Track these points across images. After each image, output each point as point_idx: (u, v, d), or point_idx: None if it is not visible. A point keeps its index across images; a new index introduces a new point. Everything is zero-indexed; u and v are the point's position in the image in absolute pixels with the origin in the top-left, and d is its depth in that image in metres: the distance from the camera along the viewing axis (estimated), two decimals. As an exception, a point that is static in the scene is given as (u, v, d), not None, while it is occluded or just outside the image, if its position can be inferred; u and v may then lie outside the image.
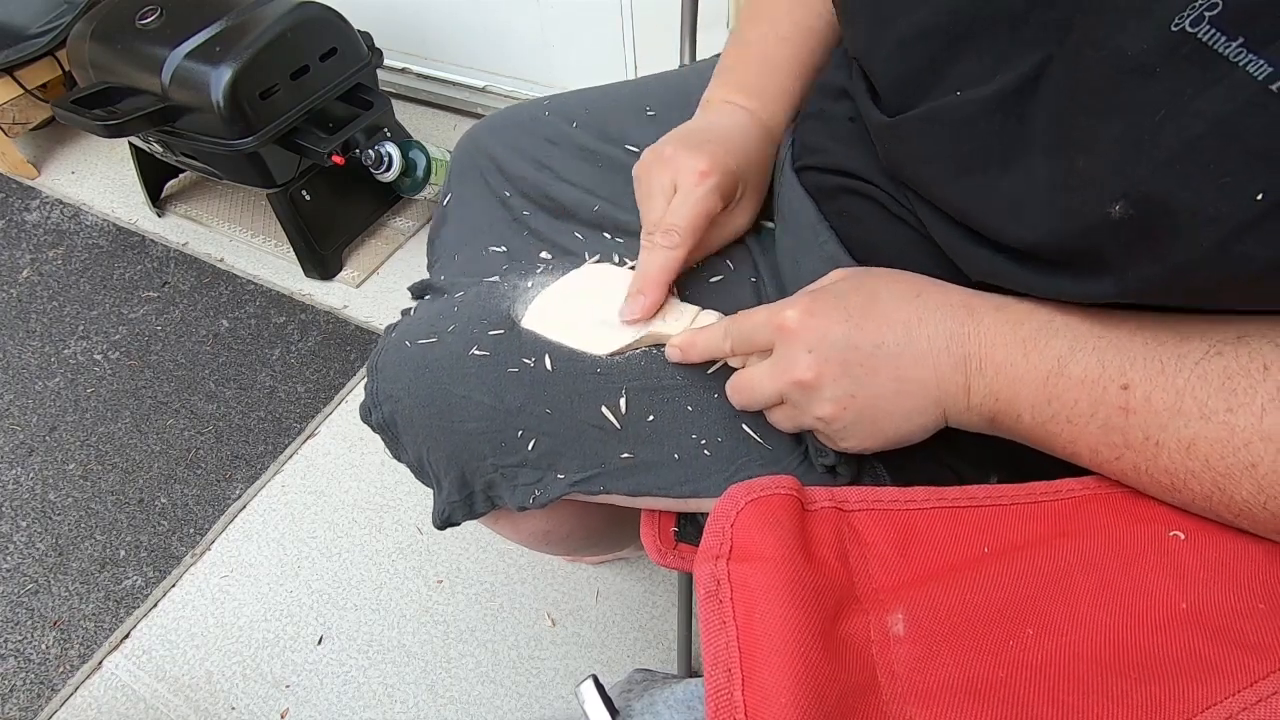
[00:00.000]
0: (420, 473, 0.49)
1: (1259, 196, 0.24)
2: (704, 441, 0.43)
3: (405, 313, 0.51)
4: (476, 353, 0.44)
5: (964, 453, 0.41)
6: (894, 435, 0.36)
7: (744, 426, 0.43)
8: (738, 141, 0.46)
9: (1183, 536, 0.31)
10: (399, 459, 0.50)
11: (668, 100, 0.58)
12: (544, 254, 0.51)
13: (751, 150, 0.47)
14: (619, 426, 0.43)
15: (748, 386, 0.38)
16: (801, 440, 0.43)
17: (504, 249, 0.52)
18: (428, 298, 0.53)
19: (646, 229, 0.44)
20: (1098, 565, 0.30)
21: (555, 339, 0.45)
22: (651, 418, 0.43)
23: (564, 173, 0.54)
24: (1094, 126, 0.28)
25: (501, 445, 0.44)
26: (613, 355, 0.44)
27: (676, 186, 0.43)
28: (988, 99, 0.32)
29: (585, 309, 0.46)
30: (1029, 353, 0.32)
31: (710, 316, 0.44)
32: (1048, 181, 0.30)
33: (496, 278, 0.49)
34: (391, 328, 0.50)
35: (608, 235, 0.51)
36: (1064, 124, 0.30)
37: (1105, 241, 0.28)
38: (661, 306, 0.44)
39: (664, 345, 0.44)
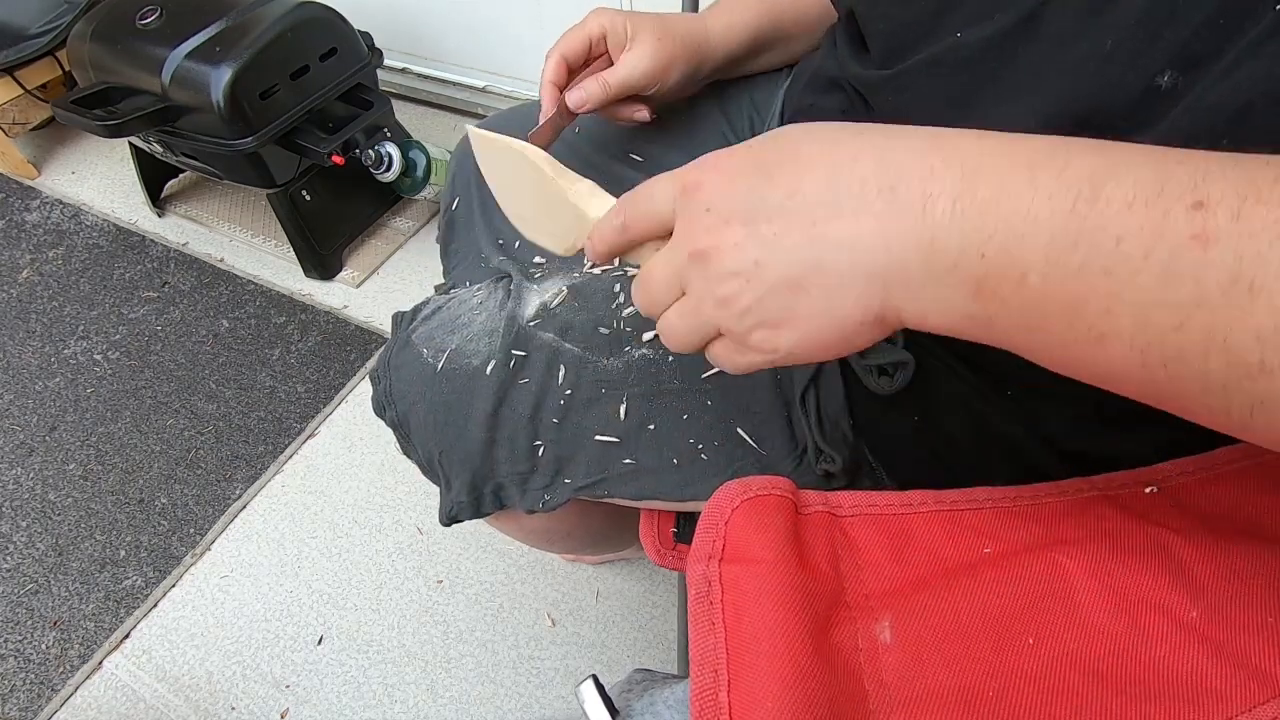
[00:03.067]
0: (429, 471, 0.50)
1: (1278, 6, 0.23)
2: (700, 446, 0.43)
3: (419, 307, 0.51)
4: (490, 365, 0.45)
5: (965, 454, 0.41)
6: (821, 328, 0.26)
7: (739, 431, 0.43)
8: (652, 14, 0.50)
9: (1156, 489, 0.31)
10: (408, 455, 0.51)
11: (668, 102, 0.58)
12: (537, 259, 0.51)
13: (667, 18, 0.49)
14: (618, 441, 0.44)
15: (645, 280, 0.30)
16: (797, 444, 0.43)
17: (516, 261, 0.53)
18: (439, 292, 0.54)
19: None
20: (1103, 572, 0.30)
21: (531, 237, 0.38)
22: (652, 426, 0.44)
23: None
24: (1121, 6, 0.28)
25: (513, 453, 0.45)
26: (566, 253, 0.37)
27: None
28: (990, 38, 0.33)
29: (559, 209, 0.37)
30: (1037, 175, 0.21)
31: None
32: (1074, 73, 0.30)
33: (507, 279, 0.49)
34: (402, 318, 0.50)
35: None
36: (1086, 15, 0.29)
37: (1144, 116, 0.27)
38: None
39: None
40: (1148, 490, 0.33)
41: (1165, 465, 0.34)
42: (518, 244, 0.53)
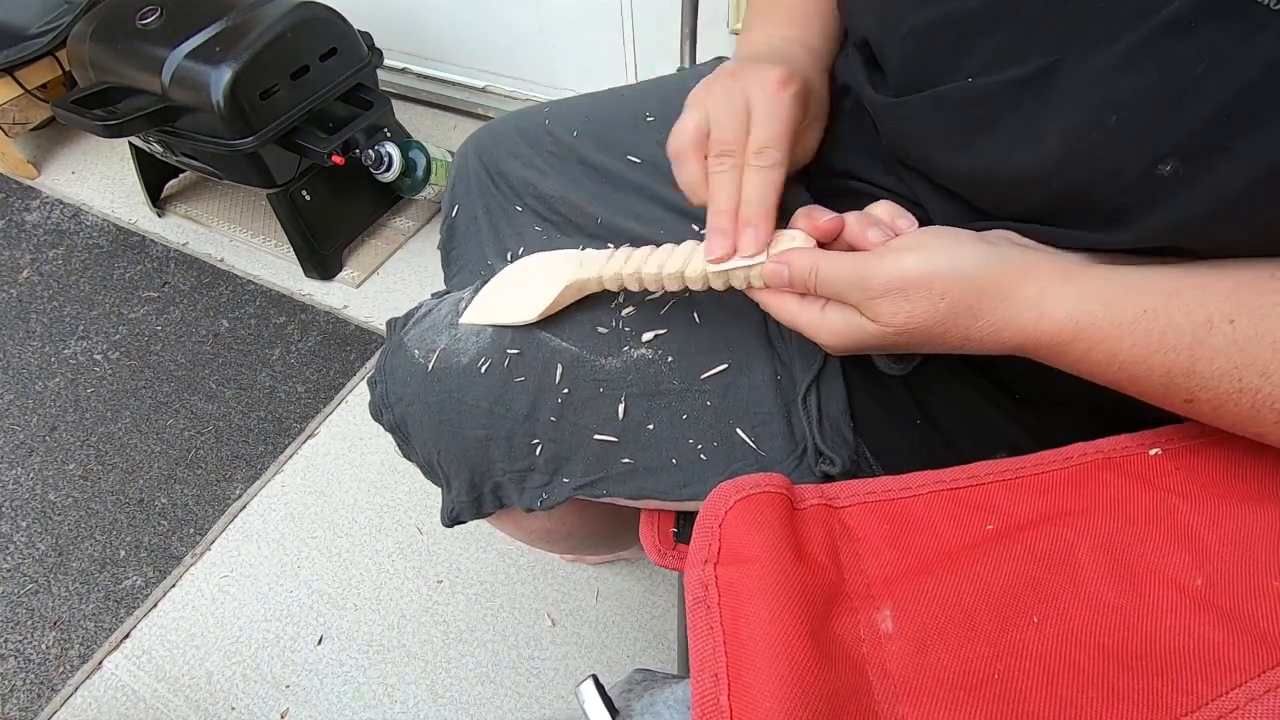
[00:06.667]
0: (430, 472, 0.50)
1: None
2: (700, 446, 0.43)
3: (411, 311, 0.51)
4: (484, 363, 0.45)
5: (966, 457, 0.41)
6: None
7: (738, 431, 0.43)
8: (803, 61, 0.43)
9: (1160, 452, 0.31)
10: (409, 458, 0.51)
11: (667, 105, 0.58)
12: None
13: (815, 70, 0.43)
14: (616, 440, 0.44)
15: (798, 322, 0.36)
16: (796, 444, 0.43)
17: None
18: (434, 298, 0.54)
19: (717, 152, 0.37)
20: (1108, 543, 0.30)
21: (490, 322, 0.46)
22: (651, 426, 0.44)
23: (567, 187, 0.54)
24: (1129, 83, 0.28)
25: (511, 452, 0.45)
26: (541, 317, 0.43)
27: (750, 104, 0.37)
28: (1001, 84, 0.33)
29: (528, 289, 0.46)
30: (1084, 375, 0.32)
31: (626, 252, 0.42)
32: (1073, 141, 0.30)
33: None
34: (395, 323, 0.51)
35: (611, 246, 0.52)
36: (1095, 84, 0.30)
37: (1144, 196, 0.29)
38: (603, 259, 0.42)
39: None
40: (1152, 452, 0.33)
41: (1170, 428, 0.34)
42: (521, 250, 0.53)
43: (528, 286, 0.46)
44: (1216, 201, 0.27)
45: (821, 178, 0.46)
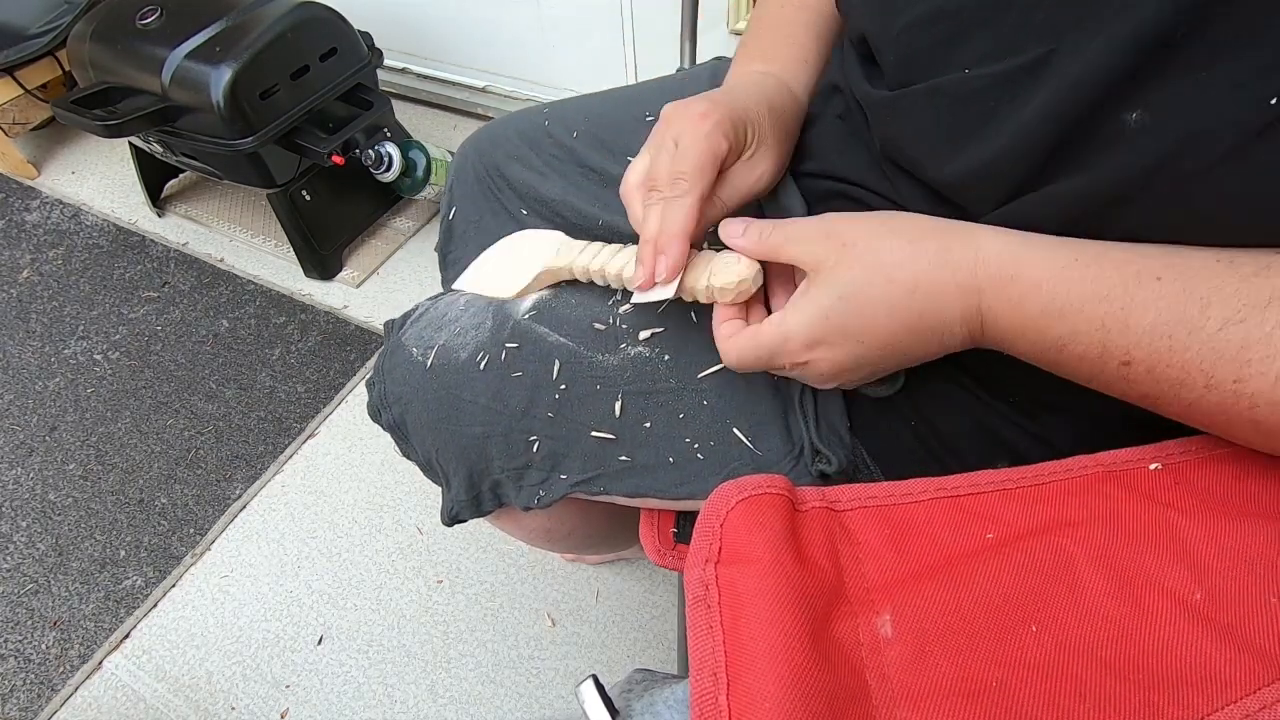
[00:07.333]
0: (429, 471, 0.50)
1: (1273, 100, 0.24)
2: (696, 445, 0.43)
3: (408, 313, 0.51)
4: (482, 358, 0.45)
5: (964, 458, 0.41)
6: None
7: (735, 430, 0.43)
8: (750, 92, 0.43)
9: (1160, 466, 0.32)
10: (408, 457, 0.51)
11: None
12: None
13: (765, 98, 0.43)
14: (613, 438, 0.44)
15: (732, 356, 0.37)
16: (793, 444, 0.44)
17: None
18: (431, 298, 0.54)
19: (648, 188, 0.40)
20: (1107, 555, 0.30)
21: (475, 291, 0.50)
22: (648, 424, 0.44)
23: (567, 189, 0.55)
24: (1112, 62, 0.29)
25: (508, 449, 0.45)
26: (519, 295, 0.47)
27: (678, 141, 0.39)
28: (996, 75, 0.33)
29: (512, 266, 0.49)
30: (1026, 332, 0.32)
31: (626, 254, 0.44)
32: (1054, 105, 0.31)
33: None
34: (393, 324, 0.51)
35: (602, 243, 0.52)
36: (1087, 50, 0.30)
37: (1108, 141, 0.29)
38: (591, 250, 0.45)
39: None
40: (1152, 467, 0.33)
41: (1170, 443, 0.34)
42: None
43: (512, 263, 0.49)
44: (1167, 153, 0.27)
45: (809, 179, 0.46)
